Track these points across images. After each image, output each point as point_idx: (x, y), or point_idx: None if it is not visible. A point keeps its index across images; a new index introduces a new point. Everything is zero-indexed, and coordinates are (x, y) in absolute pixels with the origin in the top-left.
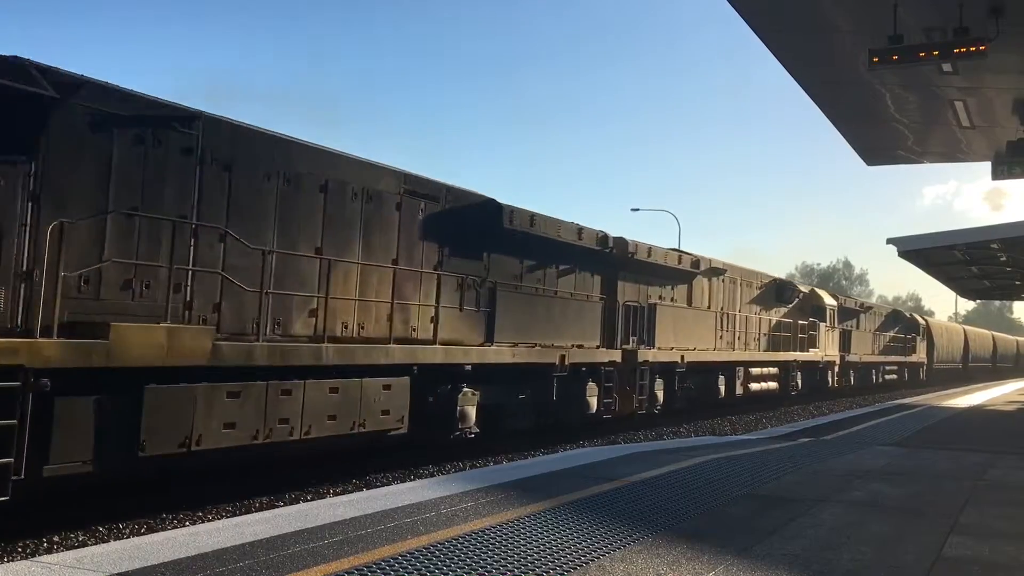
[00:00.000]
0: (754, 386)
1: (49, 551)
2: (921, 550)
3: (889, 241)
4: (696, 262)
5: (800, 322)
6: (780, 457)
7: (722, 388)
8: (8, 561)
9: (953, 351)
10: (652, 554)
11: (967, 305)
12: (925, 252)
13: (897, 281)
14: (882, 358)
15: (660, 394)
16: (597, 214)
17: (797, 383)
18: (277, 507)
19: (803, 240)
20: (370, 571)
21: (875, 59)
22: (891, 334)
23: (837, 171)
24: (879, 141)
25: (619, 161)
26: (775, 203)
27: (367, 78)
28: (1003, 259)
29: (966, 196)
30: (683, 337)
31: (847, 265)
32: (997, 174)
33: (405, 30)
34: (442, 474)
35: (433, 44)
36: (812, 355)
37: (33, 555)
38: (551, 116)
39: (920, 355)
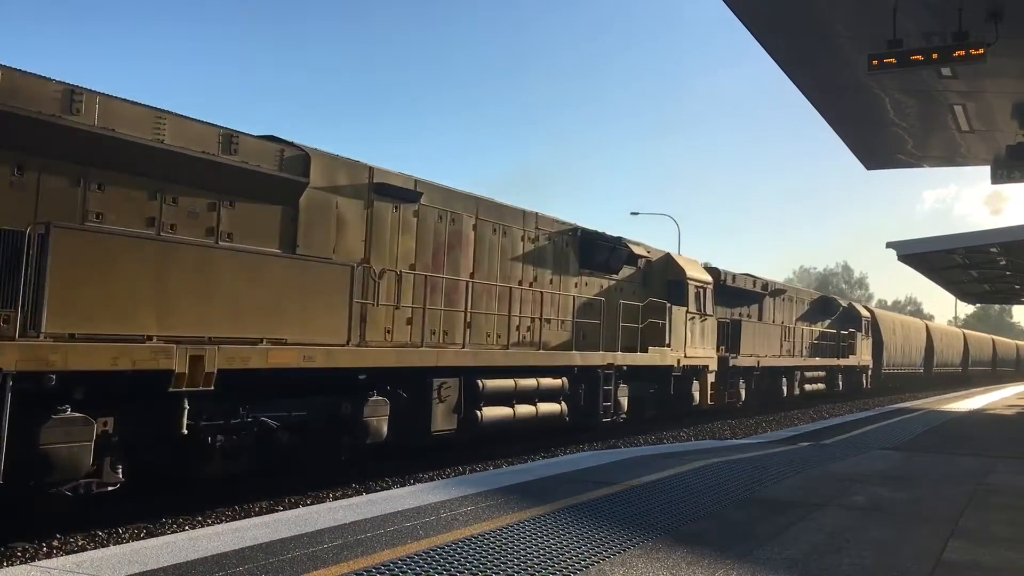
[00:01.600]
0: (494, 412)
1: (48, 555)
2: (921, 554)
3: (889, 245)
4: (303, 163)
5: (627, 302)
6: (780, 461)
7: (382, 423)
8: (8, 565)
9: (912, 352)
10: (652, 558)
11: (967, 309)
12: (925, 256)
13: (897, 285)
14: (800, 361)
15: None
16: (596, 216)
17: (618, 403)
18: (277, 511)
19: (802, 244)
20: (369, 575)
21: (874, 62)
22: (817, 328)
23: (837, 175)
24: (879, 145)
25: (618, 164)
26: (774, 207)
27: (363, 75)
28: (1003, 263)
29: (966, 200)
30: (234, 315)
31: (846, 269)
32: (997, 178)
33: (403, 26)
34: (442, 478)
35: (431, 42)
36: (655, 357)
37: (32, 559)
38: (550, 116)
39: (863, 357)
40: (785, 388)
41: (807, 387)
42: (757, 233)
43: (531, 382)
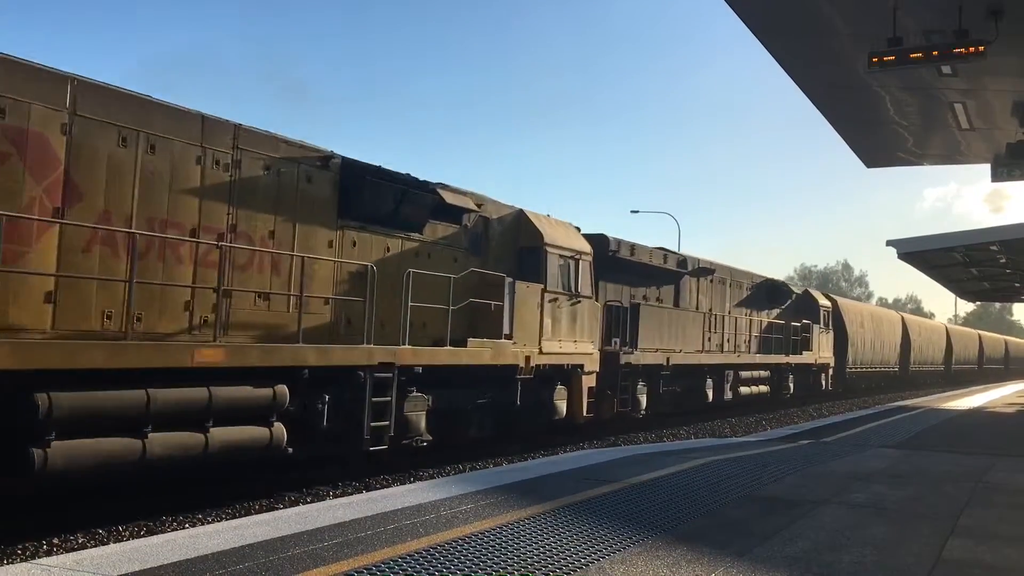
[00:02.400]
0: (92, 448)
1: (49, 553)
2: (921, 552)
3: (889, 243)
4: None
5: (429, 273)
6: (780, 459)
7: None
8: (8, 563)
9: (885, 348)
10: (652, 556)
11: (967, 307)
12: (925, 254)
13: (898, 283)
14: (733, 358)
15: None
16: (596, 214)
17: (407, 421)
18: (277, 509)
19: (802, 242)
20: (370, 573)
21: (874, 60)
22: (761, 318)
23: (837, 173)
24: (879, 143)
25: (618, 161)
26: (775, 205)
27: (359, 69)
28: (1003, 261)
29: (967, 198)
30: None
31: (846, 267)
32: (997, 176)
33: (402, 22)
34: (442, 476)
35: (431, 37)
36: (479, 353)
37: (33, 557)
38: (550, 114)
39: (821, 353)
40: (711, 392)
41: (744, 390)
42: (758, 230)
43: (195, 393)
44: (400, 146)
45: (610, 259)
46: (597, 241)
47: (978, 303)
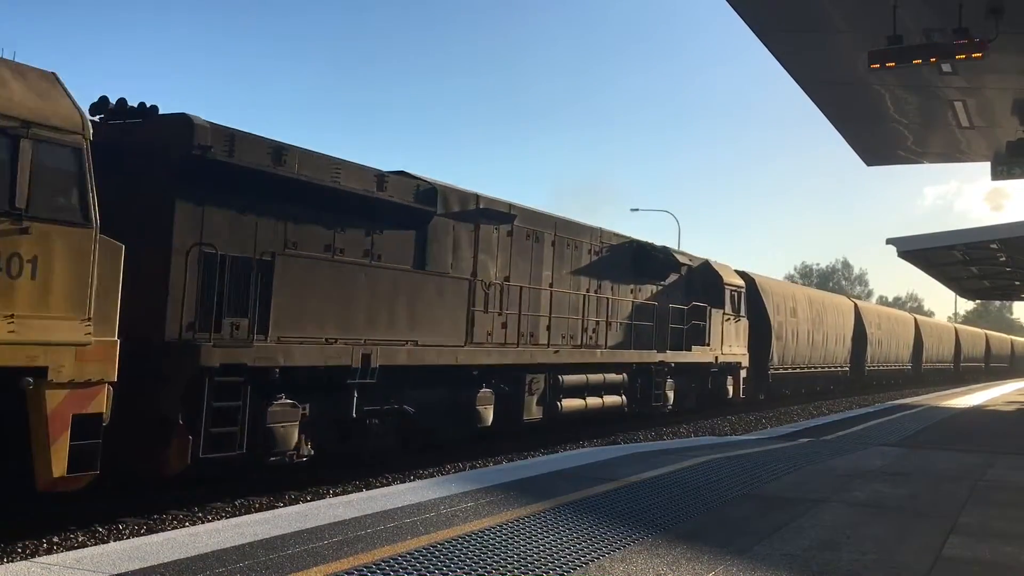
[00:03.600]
0: None
1: (49, 551)
2: (921, 550)
3: (889, 241)
4: None
5: None
6: (780, 457)
7: None
8: (8, 562)
9: (829, 343)
10: (652, 554)
11: (967, 305)
12: (925, 252)
13: (898, 282)
14: (545, 356)
15: None
16: (595, 213)
17: None
18: (277, 508)
19: (803, 240)
20: (370, 571)
21: (874, 59)
22: (622, 299)
23: (838, 171)
24: (879, 141)
25: (618, 159)
26: (775, 203)
27: (359, 67)
28: (1002, 259)
29: (967, 196)
30: None
31: (846, 265)
32: (997, 174)
33: (401, 20)
34: (442, 475)
35: (430, 35)
36: None
37: (33, 555)
38: (550, 112)
39: (728, 348)
40: (490, 410)
41: (571, 404)
42: (759, 228)
43: None
44: (398, 147)
45: (203, 162)
46: (163, 124)
47: (978, 301)
